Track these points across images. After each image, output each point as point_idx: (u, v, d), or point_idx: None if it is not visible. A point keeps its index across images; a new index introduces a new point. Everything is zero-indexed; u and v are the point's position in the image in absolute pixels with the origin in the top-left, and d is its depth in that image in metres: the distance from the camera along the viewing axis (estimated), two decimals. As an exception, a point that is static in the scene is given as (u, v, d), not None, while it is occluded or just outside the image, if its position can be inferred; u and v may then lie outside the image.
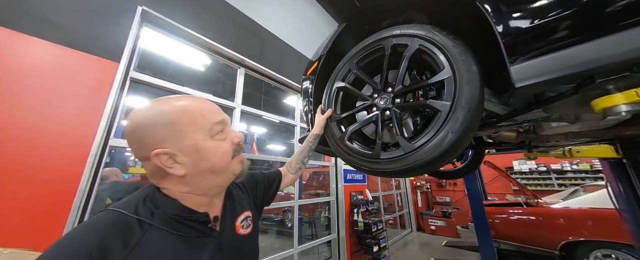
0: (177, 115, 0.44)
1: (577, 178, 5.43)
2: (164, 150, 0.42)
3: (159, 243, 0.41)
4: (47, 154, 1.18)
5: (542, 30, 0.49)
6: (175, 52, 2.21)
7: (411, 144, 0.63)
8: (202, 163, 0.45)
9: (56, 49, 1.29)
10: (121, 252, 0.36)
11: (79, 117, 1.31)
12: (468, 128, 0.57)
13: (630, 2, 0.39)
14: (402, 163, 0.64)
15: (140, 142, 0.43)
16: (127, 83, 1.56)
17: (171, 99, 0.47)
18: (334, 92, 0.92)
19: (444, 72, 0.63)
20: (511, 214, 3.38)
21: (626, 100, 0.45)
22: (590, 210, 2.70)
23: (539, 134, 1.10)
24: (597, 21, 0.43)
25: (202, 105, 0.48)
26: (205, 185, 0.48)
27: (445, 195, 7.03)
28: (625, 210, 1.56)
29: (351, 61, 0.87)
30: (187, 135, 0.44)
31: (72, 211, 1.19)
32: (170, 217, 0.44)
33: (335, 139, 0.86)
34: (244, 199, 0.63)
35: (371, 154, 0.72)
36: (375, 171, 0.72)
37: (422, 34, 0.69)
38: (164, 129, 0.43)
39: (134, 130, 0.44)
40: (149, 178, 0.47)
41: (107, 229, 0.38)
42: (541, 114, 0.78)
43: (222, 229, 0.52)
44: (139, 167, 3.82)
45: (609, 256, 2.50)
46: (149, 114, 0.44)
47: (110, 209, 0.42)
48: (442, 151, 0.58)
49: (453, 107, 0.58)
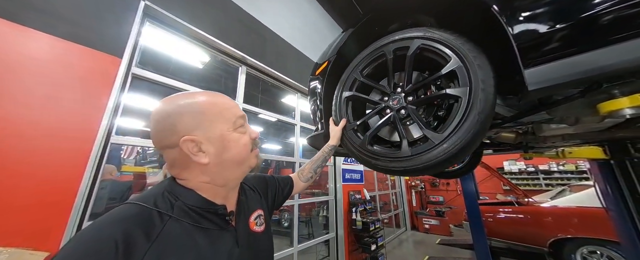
0: (207, 107, 0.47)
1: (563, 178, 5.68)
2: (192, 137, 0.44)
3: (179, 234, 0.41)
4: (48, 151, 1.15)
5: (555, 36, 0.52)
6: (177, 49, 2.17)
7: (440, 134, 0.63)
8: (225, 153, 0.48)
9: (58, 43, 1.25)
10: (144, 244, 0.37)
11: (81, 113, 1.27)
12: (492, 106, 0.59)
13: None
14: (433, 154, 0.63)
15: (171, 129, 0.45)
16: (129, 79, 1.53)
17: (197, 92, 0.50)
18: (344, 102, 0.92)
19: (453, 62, 0.65)
20: (502, 213, 3.50)
21: (631, 104, 0.49)
22: (576, 209, 2.83)
23: (537, 135, 1.15)
24: (608, 29, 0.46)
25: (227, 100, 0.52)
26: (225, 175, 0.49)
27: (439, 194, 7.19)
28: (612, 209, 1.65)
29: (356, 70, 0.89)
30: (215, 126, 0.47)
31: (73, 210, 1.16)
32: (190, 208, 0.45)
33: (355, 146, 0.84)
34: (255, 198, 0.63)
35: (399, 153, 0.71)
36: (406, 170, 0.70)
37: (420, 34, 0.72)
38: (194, 118, 0.45)
39: (167, 116, 0.45)
40: (168, 168, 0.49)
41: (130, 221, 0.38)
42: (544, 116, 0.82)
43: (237, 224, 0.52)
44: (132, 165, 3.73)
45: (595, 252, 2.63)
46: (181, 103, 0.46)
47: (130, 202, 0.42)
48: (474, 133, 0.59)
49: (472, 90, 0.60)
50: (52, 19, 1.25)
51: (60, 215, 1.14)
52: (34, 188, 1.09)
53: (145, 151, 4.44)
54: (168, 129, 0.45)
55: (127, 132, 1.56)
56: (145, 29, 1.72)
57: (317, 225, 4.33)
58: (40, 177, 1.11)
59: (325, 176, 3.94)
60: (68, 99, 1.25)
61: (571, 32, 0.50)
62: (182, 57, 2.36)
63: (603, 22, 0.46)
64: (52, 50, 1.23)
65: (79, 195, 1.19)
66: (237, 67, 2.47)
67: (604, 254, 2.57)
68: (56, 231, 1.11)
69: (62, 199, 1.15)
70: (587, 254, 2.68)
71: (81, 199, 1.19)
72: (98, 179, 1.30)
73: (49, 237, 1.08)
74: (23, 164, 1.07)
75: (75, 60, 1.29)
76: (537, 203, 3.34)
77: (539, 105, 0.73)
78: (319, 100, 1.07)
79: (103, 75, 1.37)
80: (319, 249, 3.69)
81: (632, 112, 0.50)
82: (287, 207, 4.70)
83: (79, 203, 1.18)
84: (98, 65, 1.36)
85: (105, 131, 1.34)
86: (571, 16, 0.50)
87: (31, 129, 1.11)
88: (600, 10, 0.46)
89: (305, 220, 4.56)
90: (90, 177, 1.25)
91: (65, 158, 1.19)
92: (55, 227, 1.11)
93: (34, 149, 1.11)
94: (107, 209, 1.58)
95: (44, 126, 1.15)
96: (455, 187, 6.84)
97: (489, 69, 0.61)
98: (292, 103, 3.43)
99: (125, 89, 1.51)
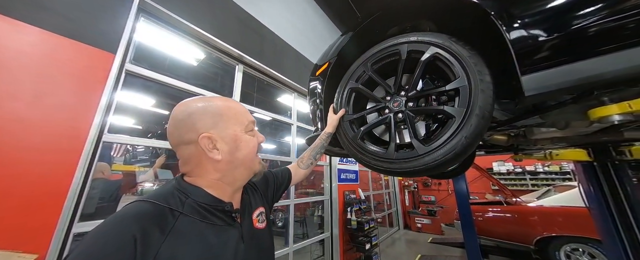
0: (223, 110, 0.53)
1: (548, 179, 5.92)
2: (209, 135, 0.49)
3: (190, 230, 0.44)
4: (37, 149, 1.10)
5: (551, 44, 0.55)
6: (173, 47, 2.12)
7: (426, 146, 0.67)
8: (237, 152, 0.52)
9: (48, 37, 1.20)
10: (159, 238, 0.39)
11: (73, 110, 1.22)
12: (479, 133, 0.62)
13: (633, 25, 0.45)
14: (414, 164, 0.68)
15: (191, 126, 0.49)
16: (122, 76, 1.48)
17: (215, 97, 0.56)
18: (347, 93, 0.95)
19: (459, 80, 0.67)
20: (491, 212, 3.62)
21: (620, 111, 0.52)
22: (560, 209, 2.96)
23: (528, 138, 1.20)
24: (602, 39, 0.49)
25: (240, 105, 0.58)
26: (234, 175, 0.53)
27: (431, 194, 7.34)
28: (594, 208, 1.73)
29: (366, 63, 0.90)
30: (230, 126, 0.52)
31: (63, 211, 1.12)
32: (199, 205, 0.47)
33: (348, 138, 0.89)
34: (257, 196, 0.67)
35: (384, 154, 0.75)
36: (386, 170, 0.76)
37: (440, 42, 0.73)
38: (213, 118, 0.51)
39: (189, 115, 0.50)
40: (181, 165, 0.52)
41: (146, 217, 0.40)
42: (537, 120, 0.86)
43: (242, 221, 0.55)
44: (121, 164, 3.61)
45: (577, 250, 2.76)
46: (201, 105, 0.51)
47: (142, 200, 0.44)
48: (455, 154, 0.62)
49: (467, 114, 0.63)
50: (42, 12, 1.19)
51: (50, 217, 1.09)
52: (22, 188, 1.04)
53: (135, 150, 4.32)
54: (188, 127, 0.49)
55: (119, 130, 1.51)
56: (139, 25, 1.67)
57: (312, 224, 4.34)
58: (29, 176, 1.06)
59: (321, 176, 3.95)
60: (59, 95, 1.20)
61: (566, 41, 0.53)
62: (177, 55, 2.31)
63: (598, 32, 0.49)
64: (42, 44, 1.18)
65: (70, 196, 1.15)
66: (234, 65, 2.44)
67: (585, 251, 2.70)
68: (45, 233, 1.07)
69: (51, 199, 1.11)
70: (570, 252, 2.81)
71: (72, 200, 1.15)
72: (90, 179, 1.26)
73: (37, 239, 1.04)
74: (10, 164, 1.02)
75: (66, 55, 1.24)
76: (524, 203, 3.46)
77: (533, 110, 0.77)
78: (319, 101, 1.08)
79: (96, 72, 1.33)
80: (313, 248, 3.70)
81: (620, 118, 0.53)
82: (282, 207, 4.69)
83: (70, 203, 1.14)
84: (91, 61, 1.32)
85: (98, 129, 1.29)
86: (567, 26, 0.53)
87: (19, 126, 1.06)
88: (594, 21, 0.49)
89: (300, 220, 4.55)
90: (82, 177, 1.20)
91: (55, 157, 1.14)
92: (44, 228, 1.07)
93: (21, 147, 1.06)
94: (97, 209, 1.53)
95: (33, 123, 1.10)
96: (447, 187, 7.00)
97: (490, 96, 0.62)
98: (289, 103, 3.42)
99: (119, 86, 1.46)
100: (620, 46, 0.46)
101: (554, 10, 0.55)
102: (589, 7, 0.51)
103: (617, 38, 0.48)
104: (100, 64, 1.35)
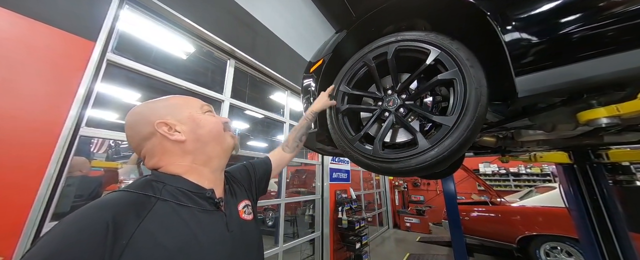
0: (174, 100, 0.55)
1: (530, 180, 6.20)
2: (164, 120, 0.49)
3: (170, 213, 0.42)
4: (4, 142, 1.01)
5: (546, 47, 0.55)
6: (160, 38, 2.02)
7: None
8: (199, 130, 0.52)
9: (19, 20, 1.10)
10: (134, 222, 0.38)
11: (46, 100, 1.13)
12: (475, 130, 0.61)
13: (625, 28, 0.46)
14: (394, 167, 0.68)
15: (145, 121, 0.49)
16: (103, 66, 1.39)
17: (161, 97, 0.56)
18: (341, 94, 0.92)
19: (452, 72, 0.67)
20: (477, 212, 3.73)
21: (607, 114, 0.53)
22: (541, 208, 3.09)
23: (516, 140, 1.23)
24: (596, 42, 0.50)
25: (193, 97, 0.59)
26: (206, 152, 0.52)
27: (420, 194, 7.50)
28: (573, 209, 1.82)
29: (367, 56, 0.88)
30: (184, 111, 0.53)
31: (32, 210, 1.03)
32: (178, 189, 0.46)
33: (345, 138, 0.85)
34: (241, 189, 0.64)
35: (369, 151, 0.74)
36: (368, 166, 0.75)
37: (440, 44, 0.72)
38: (163, 108, 0.52)
39: (140, 113, 0.51)
40: (146, 163, 0.50)
41: (120, 205, 0.39)
42: (526, 122, 0.88)
43: (227, 210, 0.52)
44: (103, 160, 3.44)
45: (556, 248, 2.90)
46: (150, 102, 0.53)
47: (118, 190, 0.43)
48: (451, 151, 0.61)
49: (463, 113, 0.62)
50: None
51: (17, 216, 1.00)
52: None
53: (119, 145, 4.12)
54: (143, 122, 0.49)
55: (100, 124, 1.42)
56: (124, 13, 1.58)
57: (302, 224, 4.31)
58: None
59: (313, 175, 3.93)
60: (31, 84, 1.10)
61: (560, 44, 0.53)
62: (166, 47, 2.20)
63: (590, 36, 0.50)
64: (13, 28, 1.08)
65: (41, 193, 1.06)
66: (225, 60, 2.37)
67: (563, 249, 2.84)
68: (12, 233, 0.98)
69: (19, 197, 1.02)
70: (549, 250, 2.94)
71: (42, 197, 1.07)
72: (64, 175, 1.17)
73: (2, 240, 0.96)
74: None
75: (41, 41, 1.15)
76: (508, 203, 3.60)
77: (522, 113, 0.78)
78: (313, 98, 1.06)
79: (73, 61, 1.24)
80: (303, 248, 3.68)
81: (607, 122, 0.54)
82: (273, 206, 4.63)
83: (40, 202, 1.06)
84: (68, 49, 1.22)
85: (74, 122, 1.21)
86: (560, 29, 0.53)
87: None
88: (585, 26, 0.50)
89: (290, 219, 4.51)
90: (55, 173, 1.12)
91: (24, 151, 1.05)
92: (10, 229, 0.98)
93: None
94: (73, 207, 1.44)
95: (0, 114, 1.01)
96: (435, 187, 7.18)
97: (485, 94, 0.62)
98: (282, 100, 3.37)
99: (99, 76, 1.37)
100: (607, 51, 0.47)
101: (550, 13, 0.56)
102: (581, 12, 0.52)
103: (606, 43, 0.49)
104: (78, 53, 1.26)
